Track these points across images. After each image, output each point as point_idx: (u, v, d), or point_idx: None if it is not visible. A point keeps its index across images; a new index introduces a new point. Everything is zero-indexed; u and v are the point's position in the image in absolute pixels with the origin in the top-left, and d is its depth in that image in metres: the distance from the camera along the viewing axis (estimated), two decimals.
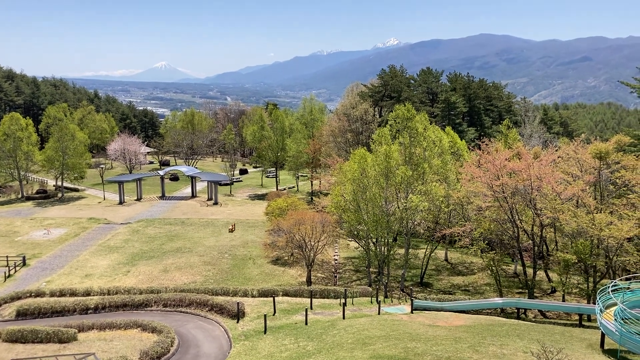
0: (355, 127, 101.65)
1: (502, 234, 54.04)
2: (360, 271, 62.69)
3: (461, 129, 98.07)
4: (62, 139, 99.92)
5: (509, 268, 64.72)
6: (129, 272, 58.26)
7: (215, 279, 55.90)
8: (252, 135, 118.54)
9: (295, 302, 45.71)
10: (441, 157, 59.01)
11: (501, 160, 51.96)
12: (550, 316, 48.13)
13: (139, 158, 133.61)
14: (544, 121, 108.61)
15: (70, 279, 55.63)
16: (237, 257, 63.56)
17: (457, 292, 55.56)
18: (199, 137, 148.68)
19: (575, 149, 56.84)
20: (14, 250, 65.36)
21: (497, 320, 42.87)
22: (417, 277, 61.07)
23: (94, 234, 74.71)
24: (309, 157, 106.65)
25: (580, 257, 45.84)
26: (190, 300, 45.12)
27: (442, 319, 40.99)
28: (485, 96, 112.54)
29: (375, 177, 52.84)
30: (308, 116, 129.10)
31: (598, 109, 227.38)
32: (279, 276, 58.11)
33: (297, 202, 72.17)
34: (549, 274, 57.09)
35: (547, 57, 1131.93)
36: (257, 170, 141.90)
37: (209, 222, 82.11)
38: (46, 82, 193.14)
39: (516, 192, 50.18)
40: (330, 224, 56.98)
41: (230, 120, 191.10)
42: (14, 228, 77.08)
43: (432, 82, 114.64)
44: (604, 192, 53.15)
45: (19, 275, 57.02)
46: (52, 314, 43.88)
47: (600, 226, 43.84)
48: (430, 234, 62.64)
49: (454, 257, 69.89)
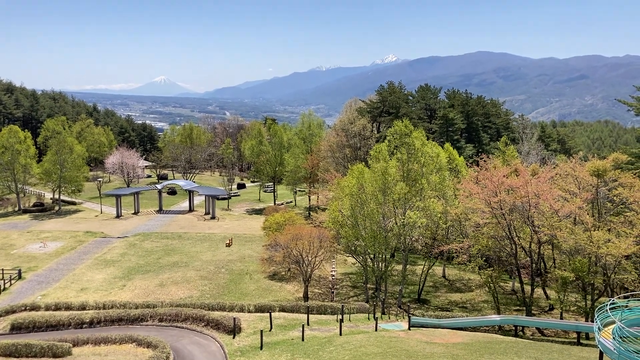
0: (353, 143, 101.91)
1: (500, 251, 53.97)
2: (358, 287, 62.43)
3: (459, 146, 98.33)
4: (60, 152, 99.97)
5: (506, 285, 64.53)
6: (125, 286, 57.94)
7: (211, 294, 55.60)
8: (251, 150, 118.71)
9: (292, 318, 45.44)
10: (439, 173, 59.11)
11: (499, 177, 52.03)
12: (548, 334, 47.94)
13: (137, 172, 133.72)
14: (541, 138, 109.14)
15: (66, 293, 55.29)
16: (234, 272, 63.28)
17: (455, 309, 55.32)
18: (197, 151, 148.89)
19: (573, 166, 56.95)
20: (9, 263, 65.00)
21: (495, 337, 42.67)
22: (414, 293, 60.82)
23: (90, 247, 74.40)
24: (307, 172, 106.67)
25: (578, 275, 45.79)
26: (186, 315, 44.80)
27: (440, 336, 40.76)
28: (483, 113, 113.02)
29: (372, 192, 52.81)
30: (306, 131, 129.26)
31: (595, 127, 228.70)
32: (275, 291, 57.82)
33: (294, 217, 72.00)
34: (546, 292, 56.96)
35: (545, 75, 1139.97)
36: (255, 185, 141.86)
37: (206, 237, 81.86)
38: (45, 95, 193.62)
39: (514, 209, 50.20)
40: (328, 239, 56.83)
41: (228, 134, 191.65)
42: (10, 241, 76.74)
43: (430, 98, 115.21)
44: (602, 210, 53.23)
45: (14, 289, 56.65)
46: (46, 327, 43.48)
47: (598, 244, 43.87)
48: (428, 250, 62.50)
49: (452, 274, 69.69)
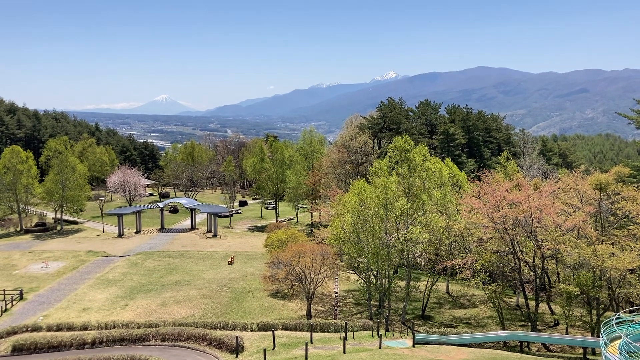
0: (354, 159, 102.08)
1: (504, 266, 53.70)
2: (361, 304, 62.03)
3: (460, 161, 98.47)
4: (62, 171, 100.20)
5: (511, 300, 64.08)
6: (127, 305, 57.63)
7: (214, 313, 55.25)
8: (252, 167, 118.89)
9: (295, 336, 45.10)
10: (441, 189, 59.03)
11: (501, 191, 51.93)
12: (554, 349, 47.47)
13: (139, 190, 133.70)
14: (542, 152, 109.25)
15: (68, 313, 55.00)
16: (236, 290, 62.96)
17: (459, 325, 54.89)
18: (199, 169, 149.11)
19: (575, 180, 56.74)
20: (11, 284, 64.75)
21: (500, 353, 42.26)
22: (418, 310, 60.41)
23: (92, 267, 74.16)
24: (308, 188, 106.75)
25: (582, 289, 45.46)
26: (188, 335, 44.49)
27: (444, 353, 40.40)
28: (484, 128, 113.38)
29: (374, 208, 52.67)
30: (308, 148, 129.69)
31: (596, 140, 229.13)
32: (278, 309, 57.46)
33: (296, 233, 71.84)
34: (551, 307, 56.51)
35: (545, 89, 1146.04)
36: (257, 202, 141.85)
37: (208, 255, 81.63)
38: (47, 115, 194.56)
39: (517, 224, 50.03)
40: (330, 256, 56.57)
41: (230, 152, 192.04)
42: (12, 261, 76.53)
43: (430, 114, 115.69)
44: (605, 223, 52.94)
45: (16, 310, 56.36)
46: (48, 349, 43.19)
47: (602, 257, 43.59)
48: (431, 266, 62.19)
49: (456, 290, 69.27)
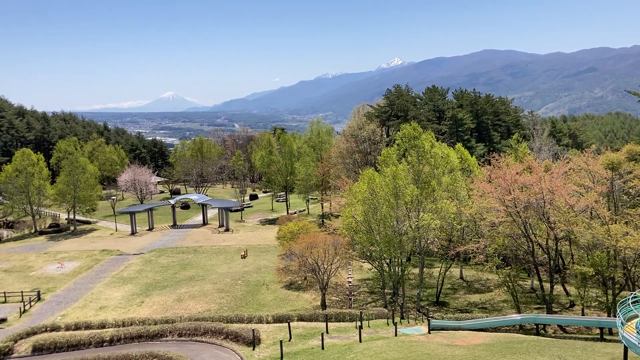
0: (363, 148, 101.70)
1: (517, 249, 53.47)
2: (375, 293, 62.14)
3: (470, 145, 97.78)
4: (73, 172, 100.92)
5: (525, 283, 63.88)
6: (143, 302, 58.16)
7: (229, 306, 55.62)
8: (261, 160, 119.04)
9: (310, 327, 45.32)
10: (451, 174, 58.78)
11: (512, 174, 51.58)
12: (571, 331, 47.32)
13: (150, 188, 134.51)
14: (552, 134, 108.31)
15: (85, 312, 55.61)
16: (250, 283, 63.29)
17: (474, 310, 54.82)
18: (209, 165, 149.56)
19: (586, 160, 56.24)
20: (28, 285, 65.51)
21: (516, 337, 42.22)
22: (432, 296, 60.40)
23: (107, 265, 74.84)
24: (318, 179, 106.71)
25: (597, 270, 45.21)
26: (205, 329, 44.86)
27: (460, 338, 40.42)
28: (492, 111, 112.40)
29: (384, 197, 52.59)
30: (316, 139, 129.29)
31: (606, 119, 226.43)
32: (293, 301, 57.72)
33: (308, 225, 71.96)
34: (566, 288, 56.30)
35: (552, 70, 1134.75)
36: (267, 195, 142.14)
37: (221, 249, 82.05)
38: (56, 117, 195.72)
39: (529, 206, 49.72)
40: (343, 246, 56.68)
41: (238, 146, 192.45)
42: (28, 263, 77.37)
43: (438, 99, 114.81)
44: (618, 203, 52.53)
45: (34, 310, 57.03)
46: (67, 348, 43.78)
47: (616, 237, 43.29)
48: (444, 252, 62.04)
49: (470, 275, 69.16)
